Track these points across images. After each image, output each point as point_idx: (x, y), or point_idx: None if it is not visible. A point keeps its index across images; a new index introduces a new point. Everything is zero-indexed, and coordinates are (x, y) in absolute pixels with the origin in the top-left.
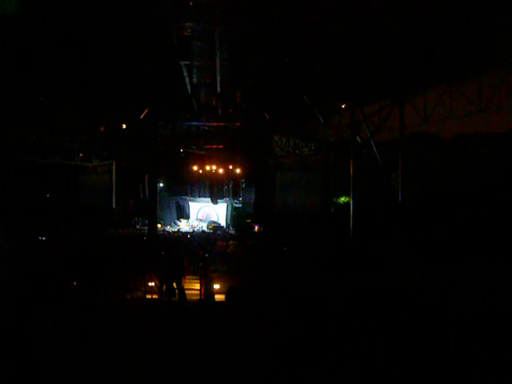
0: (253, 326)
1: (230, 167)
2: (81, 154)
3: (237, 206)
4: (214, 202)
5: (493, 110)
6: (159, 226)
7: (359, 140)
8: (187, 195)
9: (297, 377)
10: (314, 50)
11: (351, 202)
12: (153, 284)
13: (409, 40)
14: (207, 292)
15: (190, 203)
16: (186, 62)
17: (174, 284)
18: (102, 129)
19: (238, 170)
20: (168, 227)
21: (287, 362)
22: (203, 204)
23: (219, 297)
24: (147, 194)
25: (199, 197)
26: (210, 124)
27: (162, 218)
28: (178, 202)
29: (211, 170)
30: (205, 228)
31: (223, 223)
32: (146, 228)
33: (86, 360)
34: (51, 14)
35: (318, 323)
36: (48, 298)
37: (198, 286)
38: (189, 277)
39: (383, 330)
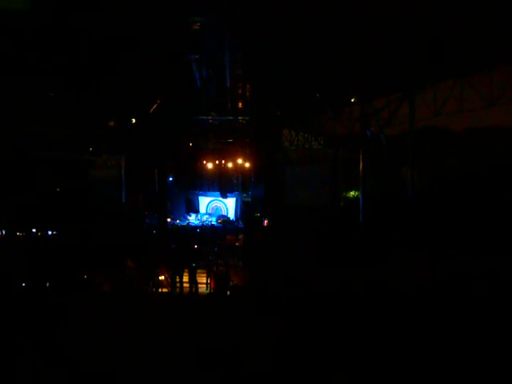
0: (258, 322)
1: (240, 161)
2: (91, 149)
3: (246, 200)
4: (224, 196)
5: (504, 104)
6: (169, 220)
7: (369, 134)
8: (197, 189)
9: (301, 372)
10: (324, 43)
11: (361, 196)
12: (162, 278)
13: (419, 34)
14: (217, 286)
15: (200, 197)
16: (196, 56)
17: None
18: (111, 123)
19: (247, 164)
20: (177, 221)
21: (291, 358)
22: (212, 198)
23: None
24: (157, 188)
25: (208, 191)
26: (220, 118)
27: (172, 212)
28: (187, 196)
29: (220, 164)
30: (214, 222)
31: (232, 217)
32: (156, 222)
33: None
34: (60, 9)
35: (324, 320)
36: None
37: (204, 280)
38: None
39: (388, 327)
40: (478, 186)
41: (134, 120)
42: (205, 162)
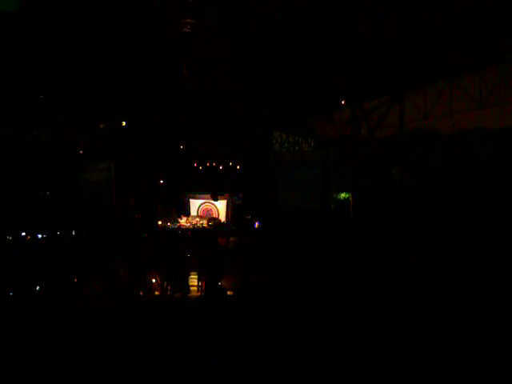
0: (251, 325)
1: (230, 164)
2: (80, 152)
3: (237, 202)
4: (214, 198)
5: (493, 106)
6: (159, 222)
7: (359, 136)
8: (187, 192)
9: (295, 377)
10: (315, 45)
11: (351, 198)
12: (154, 280)
13: (408, 35)
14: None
15: (190, 200)
16: (186, 59)
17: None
18: (101, 126)
19: (238, 167)
20: (168, 224)
21: (286, 362)
22: (203, 200)
23: None
24: (147, 191)
25: (199, 193)
26: (211, 120)
27: (162, 215)
28: (178, 199)
29: (211, 166)
30: (205, 224)
31: (223, 220)
32: (147, 225)
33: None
34: (49, 11)
35: (316, 323)
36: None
37: (195, 282)
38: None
39: (381, 329)
40: (467, 187)
41: (124, 123)
42: (195, 164)
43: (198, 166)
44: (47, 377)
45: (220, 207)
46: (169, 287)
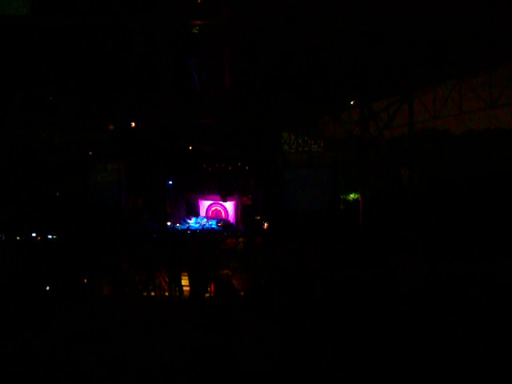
0: (259, 326)
1: (239, 164)
2: (90, 153)
3: (246, 203)
4: (223, 199)
5: (503, 106)
6: (169, 223)
7: (368, 137)
8: (196, 193)
9: (303, 375)
10: (323, 46)
11: (360, 199)
12: (162, 281)
13: (417, 36)
14: (218, 290)
15: (200, 201)
16: (195, 60)
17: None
18: (111, 127)
19: (246, 168)
20: (177, 225)
21: (293, 363)
22: (212, 201)
23: None
24: (156, 191)
25: (208, 194)
26: (220, 121)
27: (172, 215)
28: (187, 200)
29: (220, 167)
30: (214, 225)
31: (232, 220)
32: (156, 226)
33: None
34: (58, 13)
35: (325, 322)
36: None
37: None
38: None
39: (388, 328)
40: (476, 187)
41: (133, 124)
42: (205, 165)
43: (206, 167)
44: (53, 375)
45: (229, 208)
46: (177, 288)
